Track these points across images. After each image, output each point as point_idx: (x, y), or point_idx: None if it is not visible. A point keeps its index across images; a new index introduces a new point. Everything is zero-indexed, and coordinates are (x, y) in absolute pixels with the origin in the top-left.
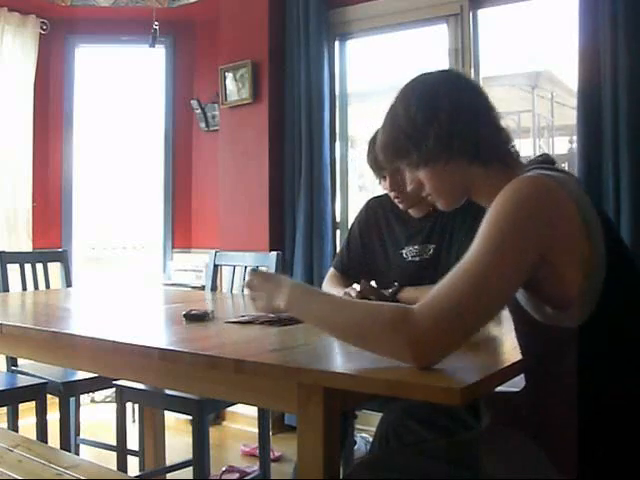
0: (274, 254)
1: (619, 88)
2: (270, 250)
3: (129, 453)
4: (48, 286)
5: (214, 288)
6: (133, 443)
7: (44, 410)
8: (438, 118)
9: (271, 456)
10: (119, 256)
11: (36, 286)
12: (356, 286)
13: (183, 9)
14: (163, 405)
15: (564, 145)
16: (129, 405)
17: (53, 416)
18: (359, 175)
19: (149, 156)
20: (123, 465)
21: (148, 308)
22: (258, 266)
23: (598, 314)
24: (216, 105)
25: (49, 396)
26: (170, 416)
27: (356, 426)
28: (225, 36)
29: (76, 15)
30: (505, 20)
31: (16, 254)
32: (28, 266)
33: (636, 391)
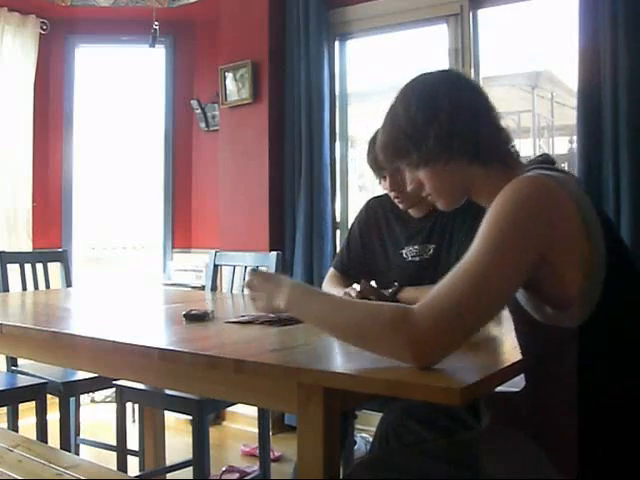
0: (274, 254)
1: (619, 88)
2: (270, 250)
3: (129, 453)
4: (48, 286)
5: (214, 288)
6: (133, 443)
7: (44, 410)
8: (438, 118)
9: (271, 456)
10: (119, 256)
11: (36, 286)
12: (356, 286)
13: (183, 9)
14: (163, 405)
15: (564, 145)
16: (129, 405)
17: (53, 416)
18: (359, 175)
19: (149, 156)
20: (123, 465)
21: (148, 308)
22: (258, 266)
23: (598, 314)
24: (216, 105)
25: (49, 396)
26: (170, 416)
27: (356, 426)
28: (225, 36)
29: (76, 15)
30: (505, 20)
31: (16, 254)
32: (28, 266)
33: (636, 391)
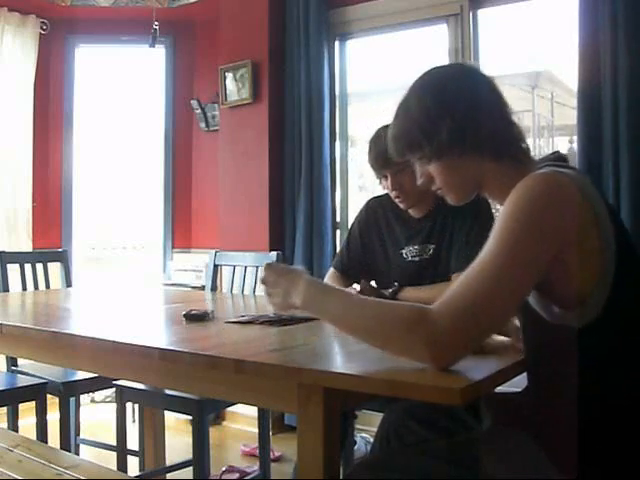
0: (274, 254)
1: (619, 88)
2: (270, 250)
3: (129, 453)
4: (48, 286)
5: (214, 288)
6: (133, 443)
7: (44, 410)
8: (452, 112)
9: (271, 456)
10: (119, 256)
11: (36, 286)
12: (356, 286)
13: (183, 9)
14: (163, 405)
15: (564, 145)
16: (129, 405)
17: (53, 416)
18: (359, 175)
19: (149, 156)
20: (123, 465)
21: (148, 308)
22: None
23: (607, 312)
24: (216, 105)
25: (49, 396)
26: (170, 416)
27: (356, 426)
28: (225, 36)
29: (76, 15)
30: (505, 20)
31: (16, 254)
32: (28, 266)
33: None
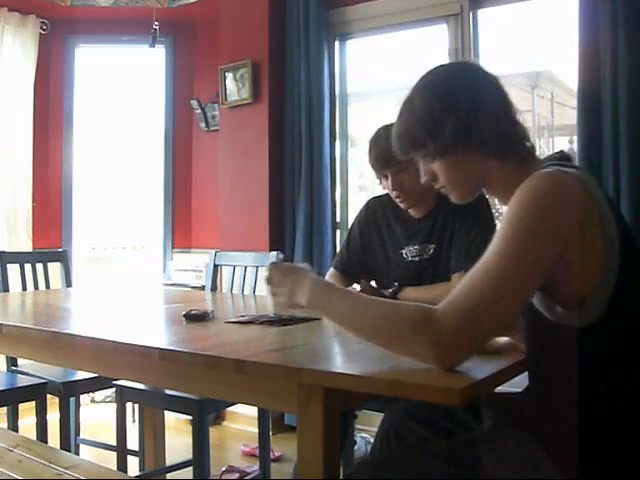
0: (274, 254)
1: (619, 88)
2: (270, 250)
3: (129, 453)
4: (48, 286)
5: (214, 288)
6: (133, 443)
7: (44, 410)
8: (456, 110)
9: (271, 456)
10: (119, 256)
11: (36, 286)
12: (356, 286)
13: (183, 9)
14: (163, 405)
15: (564, 145)
16: (129, 405)
17: (53, 416)
18: (359, 175)
19: (149, 156)
20: (123, 465)
21: (148, 308)
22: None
23: (609, 312)
24: (216, 105)
25: (49, 396)
26: (170, 416)
27: (356, 426)
28: (225, 36)
29: (76, 15)
30: (505, 20)
31: (16, 254)
32: (28, 266)
33: None
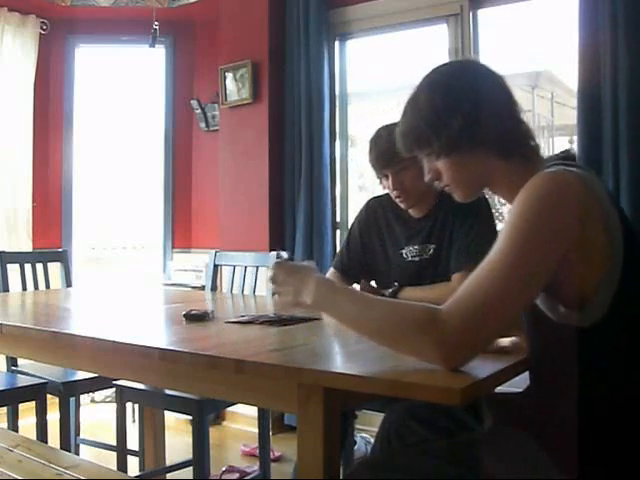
0: (274, 254)
1: (619, 88)
2: (270, 250)
3: (129, 453)
4: (48, 286)
5: (214, 288)
6: (133, 443)
7: (44, 410)
8: (461, 108)
9: (271, 456)
10: (119, 256)
11: (36, 286)
12: (356, 286)
13: (183, 9)
14: (163, 405)
15: (564, 145)
16: (129, 405)
17: (53, 416)
18: (359, 175)
19: (149, 156)
20: (123, 465)
21: (148, 308)
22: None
23: (613, 310)
24: (216, 105)
25: (49, 396)
26: (170, 416)
27: (356, 426)
28: (225, 36)
29: (76, 15)
30: (505, 20)
31: (16, 254)
32: (28, 266)
33: None
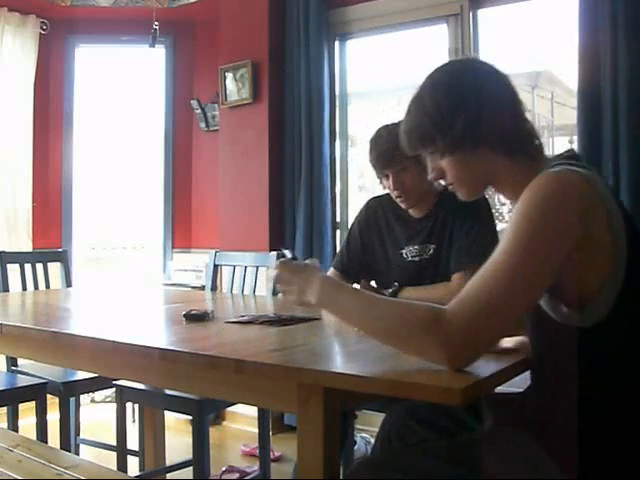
0: (274, 254)
1: (619, 88)
2: (270, 250)
3: (129, 453)
4: (48, 286)
5: (214, 288)
6: (133, 443)
7: (44, 410)
8: (466, 106)
9: (271, 456)
10: (119, 256)
11: (36, 286)
12: (356, 286)
13: (183, 9)
14: (163, 405)
15: (564, 145)
16: (129, 405)
17: (53, 416)
18: (359, 175)
19: (149, 156)
20: (123, 465)
21: (148, 308)
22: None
23: (616, 310)
24: (216, 105)
25: (49, 396)
26: (170, 416)
27: (356, 426)
28: (225, 36)
29: (76, 15)
30: (505, 20)
31: (16, 254)
32: (28, 266)
33: None
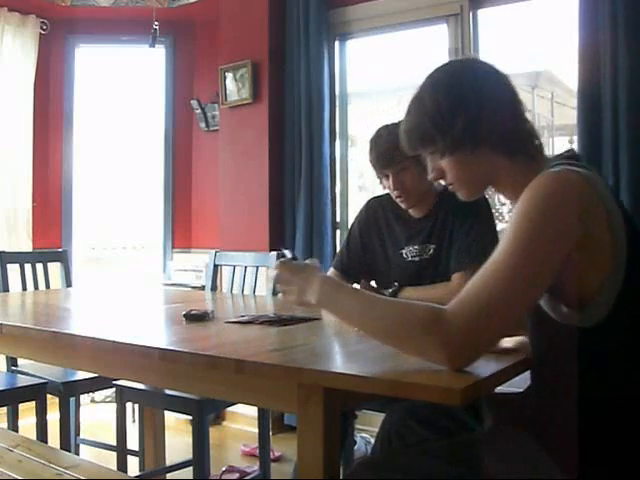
0: (274, 254)
1: (619, 88)
2: (270, 250)
3: (129, 453)
4: (48, 286)
5: (214, 288)
6: (133, 443)
7: (44, 410)
8: (466, 106)
9: (271, 456)
10: (119, 256)
11: (36, 286)
12: (356, 286)
13: (183, 9)
14: (163, 405)
15: (564, 145)
16: (129, 405)
17: (53, 416)
18: (359, 175)
19: (149, 156)
20: (123, 465)
21: (148, 308)
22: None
23: (618, 309)
24: (216, 105)
25: (49, 396)
26: (170, 416)
27: (356, 426)
28: (225, 36)
29: (76, 15)
30: (505, 20)
31: (16, 254)
32: (28, 266)
33: None
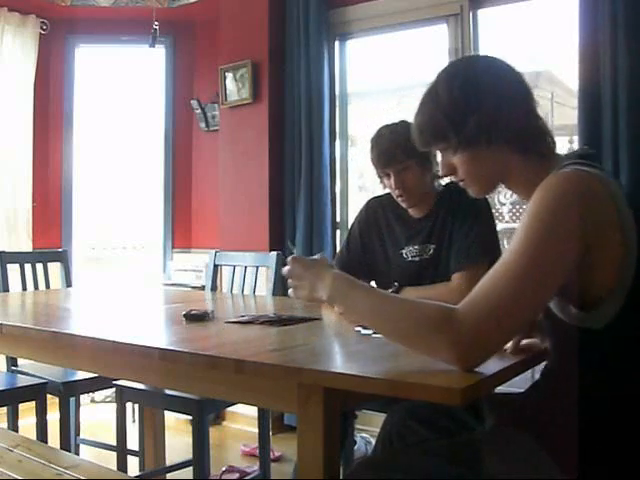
0: (274, 254)
1: (619, 88)
2: (270, 250)
3: (129, 453)
4: (48, 286)
5: (214, 288)
6: (133, 443)
7: (44, 410)
8: (480, 103)
9: (271, 456)
10: (119, 256)
11: (36, 286)
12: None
13: (183, 9)
14: (163, 405)
15: (564, 145)
16: (129, 405)
17: (53, 416)
18: (359, 175)
19: (149, 156)
20: (123, 465)
21: (148, 308)
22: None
23: (624, 313)
24: (216, 105)
25: (49, 396)
26: (170, 416)
27: (356, 426)
28: (225, 36)
29: (76, 15)
30: (505, 20)
31: (16, 254)
32: (28, 266)
33: None
